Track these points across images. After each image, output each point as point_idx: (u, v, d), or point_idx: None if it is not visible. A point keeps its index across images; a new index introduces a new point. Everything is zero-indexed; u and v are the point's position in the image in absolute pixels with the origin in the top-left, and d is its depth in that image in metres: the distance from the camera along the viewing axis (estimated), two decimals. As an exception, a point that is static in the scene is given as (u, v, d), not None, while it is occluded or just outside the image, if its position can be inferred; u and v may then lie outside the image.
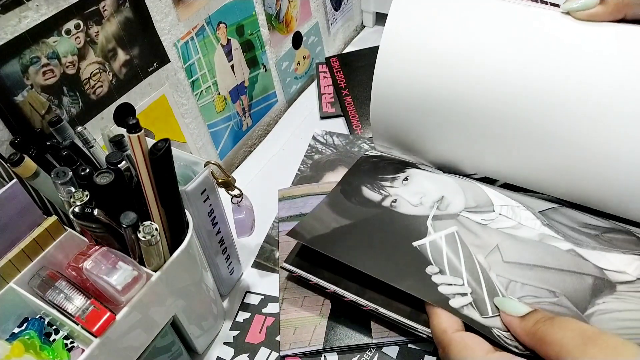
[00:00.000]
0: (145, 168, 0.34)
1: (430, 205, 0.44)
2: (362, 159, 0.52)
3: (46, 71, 0.42)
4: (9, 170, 0.38)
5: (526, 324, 0.34)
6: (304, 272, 0.44)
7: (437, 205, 0.43)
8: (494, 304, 0.38)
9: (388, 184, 0.45)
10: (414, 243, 0.42)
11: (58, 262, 0.38)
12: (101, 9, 0.45)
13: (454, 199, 0.43)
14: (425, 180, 0.46)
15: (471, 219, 0.44)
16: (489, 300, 0.38)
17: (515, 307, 0.36)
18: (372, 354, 0.43)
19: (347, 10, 0.87)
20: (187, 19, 0.54)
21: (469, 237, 0.42)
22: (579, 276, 0.39)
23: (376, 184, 0.45)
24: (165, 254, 0.36)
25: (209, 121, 0.63)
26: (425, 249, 0.42)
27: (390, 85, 0.47)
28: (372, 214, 0.45)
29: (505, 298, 0.38)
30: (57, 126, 0.40)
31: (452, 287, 0.39)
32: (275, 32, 0.70)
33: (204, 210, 0.42)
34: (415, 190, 0.44)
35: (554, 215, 0.44)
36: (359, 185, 0.47)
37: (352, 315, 0.45)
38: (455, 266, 0.41)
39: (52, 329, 0.36)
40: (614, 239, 0.41)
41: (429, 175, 0.47)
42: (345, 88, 0.73)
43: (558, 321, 0.33)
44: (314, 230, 0.45)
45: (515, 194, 0.47)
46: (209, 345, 0.47)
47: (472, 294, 0.39)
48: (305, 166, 0.63)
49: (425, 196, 0.43)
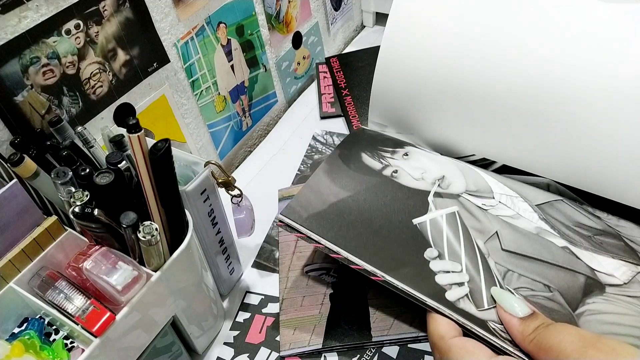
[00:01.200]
0: (145, 168, 0.34)
1: (432, 182, 0.42)
2: (359, 130, 0.49)
3: (46, 71, 0.42)
4: (9, 170, 0.38)
5: (525, 329, 0.34)
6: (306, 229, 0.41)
7: (438, 182, 0.42)
8: (491, 294, 0.37)
9: (388, 155, 0.43)
10: (414, 220, 0.41)
11: (58, 262, 0.38)
12: (101, 9, 0.45)
13: (455, 180, 0.42)
14: (425, 158, 0.45)
15: (472, 201, 0.43)
16: (485, 291, 0.38)
17: (514, 307, 0.36)
18: (372, 354, 0.43)
19: (347, 10, 0.87)
20: (187, 19, 0.54)
21: (469, 219, 0.42)
22: (573, 274, 0.39)
23: (376, 153, 0.44)
24: (165, 254, 0.36)
25: (209, 121, 0.63)
26: (426, 228, 0.41)
27: (394, 62, 0.46)
28: (373, 184, 0.43)
29: (504, 291, 0.37)
30: (57, 126, 0.40)
31: (450, 275, 0.38)
32: (275, 32, 0.70)
33: (204, 210, 0.42)
34: (416, 165, 0.43)
35: (550, 210, 0.44)
36: (359, 152, 0.45)
37: (352, 315, 0.45)
38: (454, 249, 0.40)
39: (52, 329, 0.36)
40: (604, 243, 0.41)
41: (428, 155, 0.47)
42: (345, 88, 0.73)
43: (555, 327, 0.32)
44: (310, 207, 0.43)
45: (514, 183, 0.46)
46: (209, 346, 0.47)
47: (470, 283, 0.38)
48: (305, 166, 0.63)
49: (427, 172, 0.42)
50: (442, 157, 0.47)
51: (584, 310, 0.37)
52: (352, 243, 0.40)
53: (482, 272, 0.39)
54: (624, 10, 0.39)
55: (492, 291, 0.38)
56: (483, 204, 0.43)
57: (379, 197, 0.43)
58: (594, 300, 0.37)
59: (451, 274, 0.39)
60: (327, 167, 0.46)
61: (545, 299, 0.38)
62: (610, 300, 0.38)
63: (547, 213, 0.43)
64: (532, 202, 0.44)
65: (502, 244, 0.41)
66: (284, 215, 0.42)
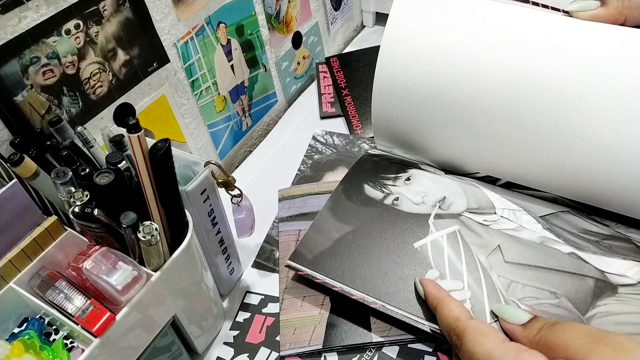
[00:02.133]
0: (145, 168, 0.34)
1: (433, 204, 0.44)
2: (364, 157, 0.52)
3: (46, 71, 0.42)
4: (9, 170, 0.38)
5: (530, 332, 0.34)
6: (310, 270, 0.44)
7: (439, 204, 0.43)
8: (493, 311, 0.38)
9: (390, 182, 0.45)
10: (415, 244, 0.42)
11: (58, 262, 0.38)
12: (101, 9, 0.45)
13: (456, 200, 0.43)
14: (428, 180, 0.46)
15: (473, 219, 0.44)
16: (488, 306, 0.38)
17: (516, 315, 0.36)
18: (372, 354, 0.43)
19: (347, 10, 0.87)
20: (187, 19, 0.54)
21: (470, 236, 0.43)
22: (581, 278, 0.39)
23: (378, 182, 0.46)
24: (165, 254, 0.36)
25: (208, 121, 0.63)
26: (427, 250, 0.42)
27: (391, 84, 0.47)
28: (374, 215, 0.45)
29: (504, 305, 0.38)
30: (57, 126, 0.40)
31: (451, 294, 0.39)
32: (275, 32, 0.70)
33: (204, 210, 0.42)
34: (417, 190, 0.44)
35: (554, 220, 0.44)
36: (361, 183, 0.47)
37: (352, 315, 0.45)
38: (456, 267, 0.41)
39: (52, 329, 0.36)
40: (613, 246, 0.41)
41: (431, 176, 0.47)
42: (345, 88, 0.73)
43: (561, 325, 0.33)
44: (315, 247, 0.45)
45: (517, 197, 0.47)
46: (209, 345, 0.47)
47: (472, 299, 0.39)
48: (305, 166, 0.63)
49: (428, 195, 0.43)
50: (446, 177, 0.47)
51: (594, 313, 0.37)
52: (348, 275, 0.42)
53: (484, 287, 0.39)
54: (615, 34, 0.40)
55: (492, 307, 0.38)
56: (484, 220, 0.44)
57: (379, 228, 0.45)
58: (605, 302, 0.37)
59: (452, 292, 0.39)
60: (331, 204, 0.48)
61: (551, 306, 0.38)
62: (624, 300, 0.38)
63: (551, 223, 0.44)
64: (537, 214, 0.45)
65: (505, 256, 0.41)
66: (290, 260, 0.45)
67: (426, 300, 0.40)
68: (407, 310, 0.40)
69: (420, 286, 0.41)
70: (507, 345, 0.33)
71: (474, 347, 0.33)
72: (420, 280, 0.41)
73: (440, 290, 0.39)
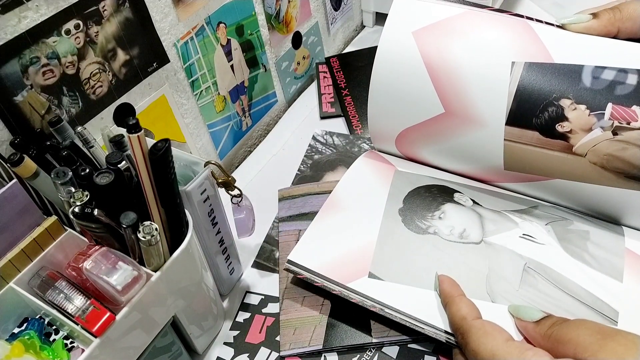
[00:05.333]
0: (145, 168, 0.34)
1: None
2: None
3: (46, 71, 0.42)
4: (9, 170, 0.38)
5: (541, 328, 0.35)
6: (310, 274, 0.44)
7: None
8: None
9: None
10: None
11: (58, 262, 0.38)
12: (101, 9, 0.45)
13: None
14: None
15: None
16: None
17: (529, 312, 0.37)
18: (372, 354, 0.43)
19: (347, 10, 0.87)
20: (186, 19, 0.54)
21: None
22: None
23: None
24: (165, 254, 0.36)
25: (208, 121, 0.63)
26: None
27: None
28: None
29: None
30: (57, 126, 0.40)
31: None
32: (275, 32, 0.70)
33: (204, 210, 0.42)
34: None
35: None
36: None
37: (352, 315, 0.45)
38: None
39: (52, 329, 0.36)
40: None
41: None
42: (345, 88, 0.73)
43: (573, 322, 0.33)
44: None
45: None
46: (209, 345, 0.47)
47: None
48: (305, 166, 0.63)
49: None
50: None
51: None
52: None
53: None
54: None
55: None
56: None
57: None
58: None
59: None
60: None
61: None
62: None
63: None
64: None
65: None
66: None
67: (440, 296, 0.40)
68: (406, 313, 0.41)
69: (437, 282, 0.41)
70: (510, 344, 0.33)
71: (478, 347, 0.34)
72: (439, 275, 0.42)
73: (453, 288, 0.40)
